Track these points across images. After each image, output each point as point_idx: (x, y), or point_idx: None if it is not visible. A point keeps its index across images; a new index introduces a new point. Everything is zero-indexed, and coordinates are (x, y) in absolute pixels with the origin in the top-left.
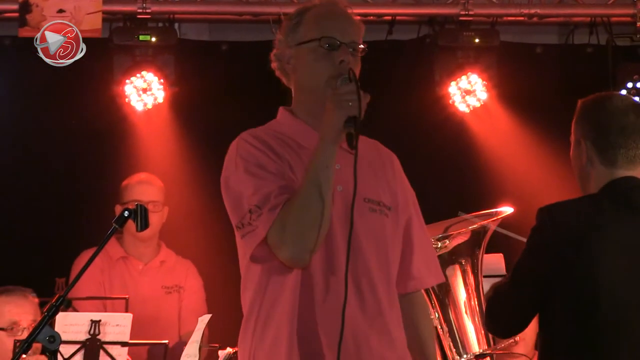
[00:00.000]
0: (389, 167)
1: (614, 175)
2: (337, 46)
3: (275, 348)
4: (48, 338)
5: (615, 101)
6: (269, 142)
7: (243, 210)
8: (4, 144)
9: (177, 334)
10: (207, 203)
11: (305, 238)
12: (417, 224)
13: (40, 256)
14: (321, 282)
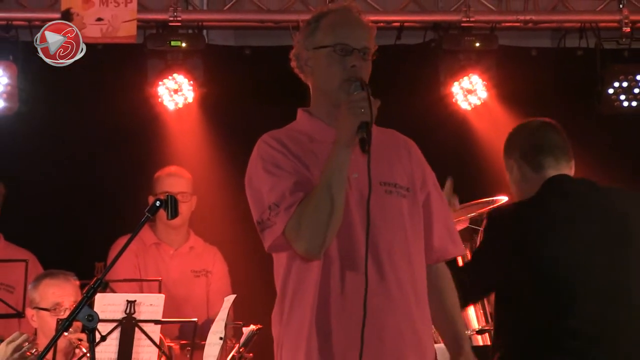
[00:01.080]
0: (405, 151)
1: (545, 176)
2: (350, 52)
3: (298, 335)
4: (87, 317)
5: (532, 124)
6: (286, 142)
7: (262, 207)
8: (49, 140)
9: (205, 313)
10: (233, 194)
11: (318, 235)
12: (436, 199)
13: (81, 242)
14: (340, 269)
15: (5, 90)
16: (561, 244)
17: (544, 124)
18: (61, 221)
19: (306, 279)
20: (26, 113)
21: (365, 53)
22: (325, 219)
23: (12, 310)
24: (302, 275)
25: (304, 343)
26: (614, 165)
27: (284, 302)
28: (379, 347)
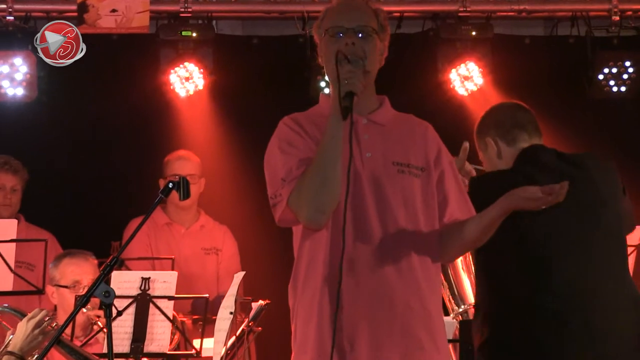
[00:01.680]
0: (421, 134)
1: (519, 149)
2: (344, 32)
3: (311, 305)
4: (104, 293)
5: (502, 104)
6: (303, 123)
7: (274, 183)
8: (67, 126)
9: (216, 289)
10: (241, 175)
11: (316, 200)
12: (449, 175)
13: (98, 222)
14: (352, 243)
15: (25, 78)
16: (536, 216)
17: (515, 105)
18: (79, 203)
19: (318, 251)
20: (45, 101)
21: (362, 31)
22: (318, 186)
23: (33, 287)
24: (315, 248)
25: (316, 313)
26: (602, 146)
27: (298, 274)
28: (389, 318)
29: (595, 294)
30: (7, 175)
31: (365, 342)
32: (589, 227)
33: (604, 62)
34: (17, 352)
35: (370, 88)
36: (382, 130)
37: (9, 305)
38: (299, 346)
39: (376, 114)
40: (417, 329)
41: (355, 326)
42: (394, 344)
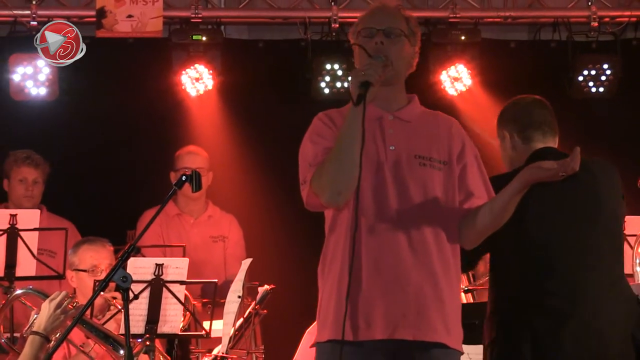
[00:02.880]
0: (445, 129)
1: (532, 148)
2: (375, 33)
3: (333, 284)
4: (122, 278)
5: (523, 100)
6: (334, 117)
7: (303, 170)
8: (86, 123)
9: (224, 274)
10: (247, 168)
11: (334, 183)
12: (473, 167)
13: (114, 213)
14: (372, 227)
15: (47, 79)
16: (541, 209)
17: (535, 101)
18: (97, 194)
19: (341, 233)
20: (66, 100)
21: (391, 32)
22: (335, 169)
23: (54, 272)
24: (339, 231)
25: (336, 292)
26: (582, 143)
27: (326, 254)
28: (403, 301)
29: (594, 294)
30: (29, 169)
31: (380, 322)
32: (587, 227)
33: (584, 65)
34: (41, 332)
35: (399, 87)
36: (407, 126)
37: (33, 287)
38: (321, 322)
39: (402, 111)
40: (429, 312)
41: (372, 306)
42: (407, 324)
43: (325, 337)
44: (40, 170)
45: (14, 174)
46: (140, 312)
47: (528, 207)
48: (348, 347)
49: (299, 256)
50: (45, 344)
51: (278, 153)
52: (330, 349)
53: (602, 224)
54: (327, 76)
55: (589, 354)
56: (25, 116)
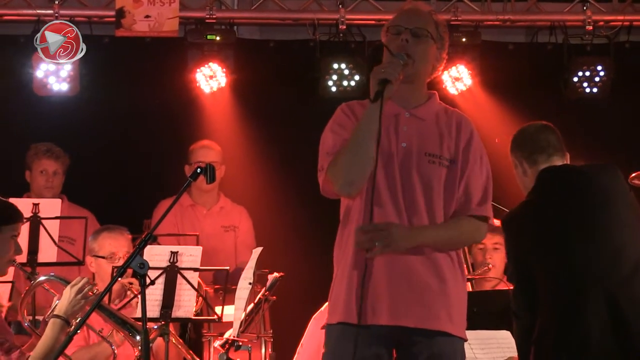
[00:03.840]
0: (456, 127)
1: (538, 169)
2: (402, 31)
3: (344, 269)
4: (139, 265)
5: (528, 127)
6: (356, 110)
7: (321, 157)
8: (105, 117)
9: (234, 262)
10: (258, 162)
11: (347, 173)
12: (475, 166)
13: (131, 202)
14: (383, 218)
15: (69, 75)
16: (553, 221)
17: (539, 127)
18: (115, 185)
19: (353, 222)
20: (86, 95)
21: (418, 33)
22: (349, 161)
23: (74, 259)
24: (351, 219)
25: (346, 278)
26: (577, 142)
27: (340, 243)
28: (408, 292)
29: (614, 274)
30: (50, 161)
31: (386, 309)
32: (597, 221)
33: (579, 67)
34: (62, 315)
35: (419, 85)
36: (421, 124)
37: (55, 274)
38: (332, 306)
39: (419, 109)
40: (432, 302)
41: (378, 296)
42: (410, 313)
43: (335, 319)
44: (60, 162)
45: (35, 166)
46: (155, 297)
47: (546, 223)
48: (354, 329)
49: (306, 246)
50: (66, 327)
51: (287, 147)
52: (339, 331)
53: (615, 214)
54: (334, 75)
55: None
56: (47, 111)
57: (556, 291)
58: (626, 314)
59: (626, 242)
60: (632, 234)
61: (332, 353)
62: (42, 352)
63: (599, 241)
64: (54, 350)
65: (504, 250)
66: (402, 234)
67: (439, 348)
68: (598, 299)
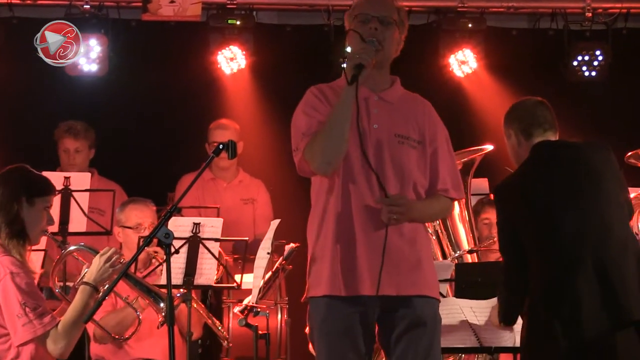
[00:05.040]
0: (422, 111)
1: (533, 142)
2: (370, 19)
3: (324, 246)
4: (165, 235)
5: (526, 102)
6: (326, 93)
7: (296, 138)
8: (132, 96)
9: (253, 233)
10: (275, 138)
11: (324, 153)
12: (444, 152)
13: (156, 176)
14: (358, 196)
15: (98, 57)
16: (546, 194)
17: (537, 102)
18: (141, 160)
19: (331, 200)
20: (114, 75)
21: (384, 20)
22: (326, 141)
23: (102, 229)
24: (328, 198)
25: (329, 253)
26: (576, 122)
27: (315, 219)
28: (387, 260)
29: (604, 247)
30: (70, 140)
31: (368, 280)
32: (588, 196)
33: (578, 51)
34: (91, 283)
35: (385, 70)
36: (389, 107)
37: (84, 243)
38: (312, 280)
39: (386, 93)
40: (410, 270)
41: (360, 268)
42: (391, 283)
43: (320, 292)
44: (82, 139)
45: (60, 145)
46: (179, 265)
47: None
48: (340, 301)
49: None
50: (94, 294)
51: None
52: (325, 303)
53: (604, 191)
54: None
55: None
56: (78, 89)
57: (548, 262)
58: (615, 287)
59: (615, 219)
60: (620, 212)
61: (322, 323)
62: (72, 317)
63: (591, 215)
64: (83, 315)
65: None
66: (412, 207)
67: (421, 310)
68: (589, 270)
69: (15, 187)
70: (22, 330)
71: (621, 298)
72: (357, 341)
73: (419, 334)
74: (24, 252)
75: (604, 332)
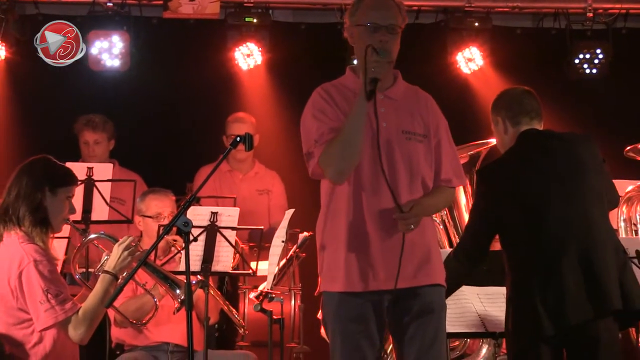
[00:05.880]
0: (424, 105)
1: (519, 130)
2: (379, 28)
3: (337, 238)
4: (184, 223)
5: (514, 90)
6: (334, 95)
7: (308, 142)
8: (153, 90)
9: (268, 222)
10: (290, 132)
11: (339, 163)
12: (446, 143)
13: (176, 167)
14: (367, 192)
15: (120, 52)
16: (532, 181)
17: (524, 91)
18: (161, 152)
19: (341, 201)
20: (136, 70)
21: (392, 28)
22: (342, 152)
23: (123, 217)
24: (338, 199)
25: (344, 249)
26: (578, 117)
27: (326, 218)
28: (399, 256)
29: (587, 237)
30: (89, 132)
31: (383, 274)
32: (573, 186)
33: (580, 50)
34: (111, 271)
35: (390, 69)
36: (395, 104)
37: (105, 232)
38: (329, 275)
39: (391, 90)
40: (421, 262)
41: (376, 261)
42: (406, 275)
43: (336, 288)
44: (100, 131)
45: (80, 137)
46: (197, 253)
47: (521, 180)
48: (356, 296)
49: None
50: (114, 282)
51: None
52: (340, 298)
53: (587, 183)
54: None
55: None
56: (101, 83)
57: (533, 249)
58: (598, 275)
59: (596, 210)
60: (601, 204)
61: (337, 314)
62: (92, 304)
63: (574, 205)
64: (103, 303)
65: None
66: (422, 210)
67: (430, 298)
68: (573, 259)
69: (39, 177)
70: (45, 315)
71: (602, 285)
72: (369, 328)
73: (426, 321)
74: (47, 240)
75: (587, 320)
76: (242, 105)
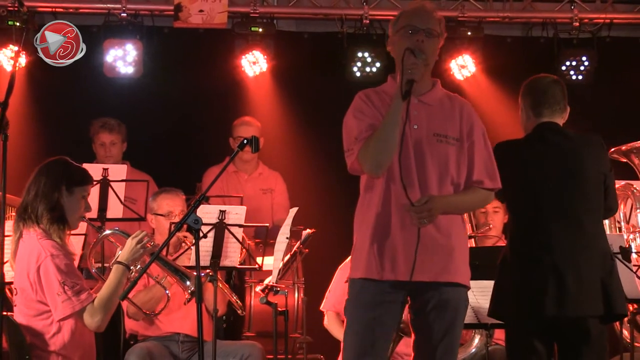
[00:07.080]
0: (458, 110)
1: (539, 121)
2: (417, 31)
3: (365, 234)
4: (194, 220)
5: (541, 79)
6: (372, 98)
7: (349, 140)
8: (164, 96)
9: (271, 220)
10: (293, 135)
11: (377, 158)
12: (480, 145)
13: (185, 168)
14: (398, 189)
15: (134, 60)
16: (532, 171)
17: (551, 82)
18: (171, 153)
19: (375, 195)
20: (149, 77)
21: (430, 32)
22: (379, 148)
23: (136, 215)
24: (373, 193)
25: (368, 241)
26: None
27: (362, 208)
28: (421, 249)
29: (564, 245)
30: (105, 134)
31: (403, 266)
32: (571, 193)
33: (566, 57)
34: (123, 262)
35: (427, 75)
36: (428, 109)
37: (119, 228)
38: (355, 262)
39: (426, 96)
40: (442, 259)
41: (396, 253)
42: (424, 269)
43: (358, 275)
44: (116, 133)
45: (96, 139)
46: (206, 248)
47: (525, 168)
48: (375, 284)
49: (335, 206)
50: (127, 272)
51: (318, 122)
52: (361, 284)
53: (584, 190)
54: (359, 62)
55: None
56: (115, 90)
57: (520, 221)
58: (580, 278)
59: (585, 216)
60: (595, 212)
61: (356, 300)
62: (106, 293)
63: (565, 210)
64: (117, 292)
65: (502, 213)
66: (438, 206)
67: (447, 295)
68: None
69: (57, 177)
70: (62, 306)
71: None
72: (383, 316)
73: (441, 315)
74: (64, 236)
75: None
76: (248, 110)
